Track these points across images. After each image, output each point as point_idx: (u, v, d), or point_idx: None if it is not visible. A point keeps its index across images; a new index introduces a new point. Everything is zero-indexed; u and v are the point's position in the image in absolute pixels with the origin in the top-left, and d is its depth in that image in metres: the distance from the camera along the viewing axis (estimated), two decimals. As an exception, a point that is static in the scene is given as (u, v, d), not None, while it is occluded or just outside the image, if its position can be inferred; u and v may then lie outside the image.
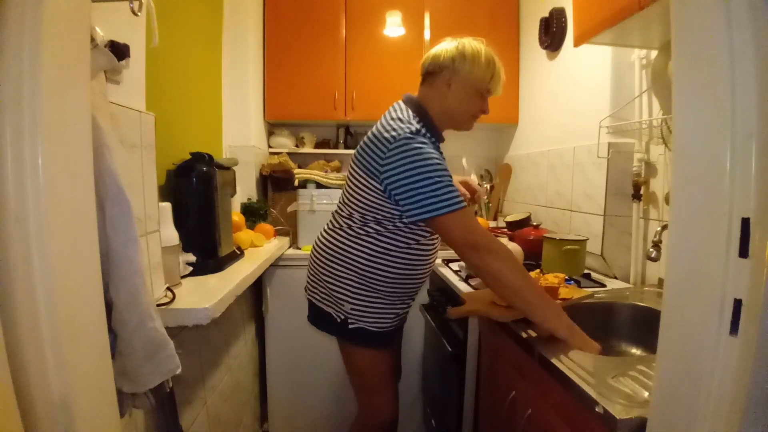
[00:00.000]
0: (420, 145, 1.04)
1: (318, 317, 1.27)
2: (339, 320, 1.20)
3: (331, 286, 1.21)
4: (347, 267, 1.19)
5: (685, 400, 0.52)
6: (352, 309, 1.19)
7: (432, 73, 1.17)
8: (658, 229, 1.17)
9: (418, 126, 1.09)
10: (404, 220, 1.12)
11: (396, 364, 1.36)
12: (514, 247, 1.39)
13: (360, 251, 1.17)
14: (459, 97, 1.15)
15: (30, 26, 0.52)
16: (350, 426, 1.40)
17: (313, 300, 1.28)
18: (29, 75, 0.52)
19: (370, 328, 1.19)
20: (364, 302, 1.19)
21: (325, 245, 1.24)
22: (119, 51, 0.82)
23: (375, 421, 1.29)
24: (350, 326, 1.19)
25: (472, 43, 1.15)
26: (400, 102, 1.19)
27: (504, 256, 1.00)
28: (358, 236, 1.17)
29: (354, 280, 1.18)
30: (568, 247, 1.38)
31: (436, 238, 1.22)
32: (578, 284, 1.32)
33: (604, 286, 1.36)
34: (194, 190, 1.25)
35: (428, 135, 1.11)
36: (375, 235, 1.15)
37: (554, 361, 0.83)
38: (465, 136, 2.60)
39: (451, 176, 1.06)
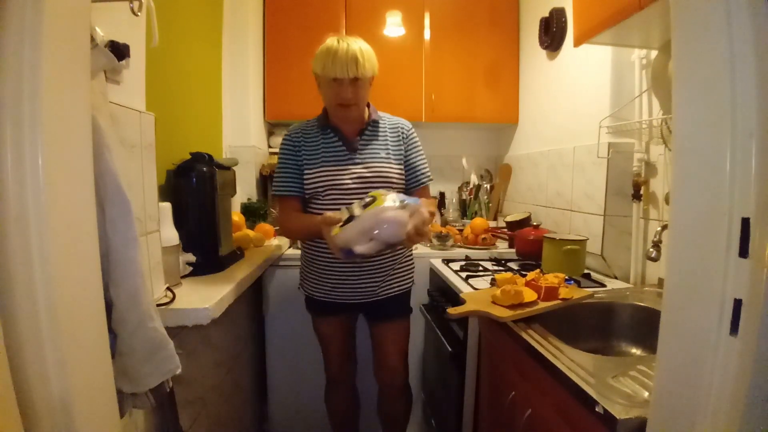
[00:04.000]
0: (283, 142, 1.37)
1: None
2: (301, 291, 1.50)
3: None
4: (300, 245, 1.51)
5: (685, 400, 0.52)
6: (301, 279, 1.47)
7: None
8: (658, 229, 1.17)
9: (304, 125, 1.38)
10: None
11: (347, 341, 1.54)
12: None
13: None
14: (322, 93, 1.33)
15: (30, 26, 0.52)
16: None
17: None
18: (29, 75, 0.52)
19: (308, 294, 1.44)
20: (305, 272, 1.45)
21: None
22: (119, 51, 0.82)
23: (325, 372, 1.58)
24: (304, 294, 1.47)
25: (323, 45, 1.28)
26: None
27: (284, 229, 1.43)
28: None
29: (302, 255, 1.48)
30: (568, 247, 1.38)
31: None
32: (578, 284, 1.32)
33: (604, 286, 1.35)
34: (194, 190, 1.26)
35: (316, 127, 1.36)
36: None
37: (554, 361, 0.83)
38: (465, 137, 2.61)
39: (288, 165, 1.34)
